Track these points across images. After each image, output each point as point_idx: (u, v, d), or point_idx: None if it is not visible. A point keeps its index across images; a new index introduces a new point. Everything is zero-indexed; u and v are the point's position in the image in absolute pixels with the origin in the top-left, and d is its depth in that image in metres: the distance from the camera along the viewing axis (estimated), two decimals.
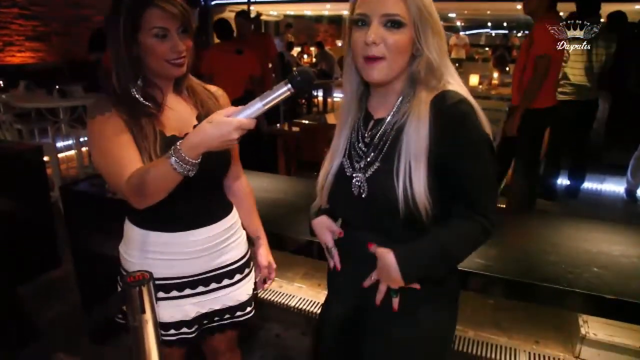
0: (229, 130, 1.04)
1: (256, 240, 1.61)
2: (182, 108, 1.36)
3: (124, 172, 1.17)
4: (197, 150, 1.08)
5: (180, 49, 1.25)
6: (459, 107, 1.01)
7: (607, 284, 1.47)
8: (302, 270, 2.96)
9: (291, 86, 1.05)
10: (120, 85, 1.26)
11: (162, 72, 1.28)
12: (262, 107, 1.06)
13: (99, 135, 1.23)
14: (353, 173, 1.13)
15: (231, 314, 1.50)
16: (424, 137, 1.01)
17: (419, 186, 1.01)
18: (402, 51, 1.03)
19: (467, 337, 2.41)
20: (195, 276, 1.40)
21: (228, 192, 1.55)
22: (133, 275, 1.32)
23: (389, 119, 1.10)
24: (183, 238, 1.36)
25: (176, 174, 1.10)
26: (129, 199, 1.19)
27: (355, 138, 1.16)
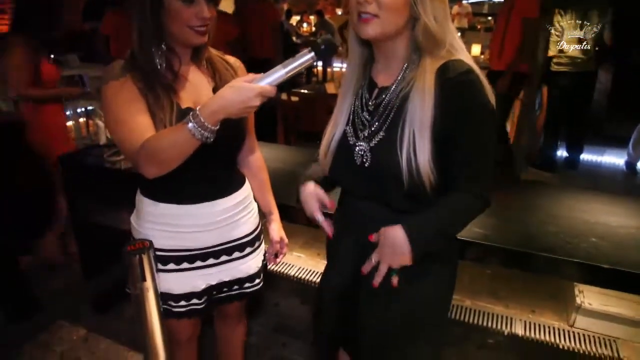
0: (250, 96, 1.03)
1: (268, 215, 1.61)
2: (199, 80, 1.33)
3: (138, 138, 1.14)
4: (216, 116, 1.06)
5: (205, 15, 1.21)
6: (465, 77, 1.00)
7: (605, 254, 1.48)
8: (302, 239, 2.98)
9: (315, 54, 1.04)
10: (142, 50, 1.23)
11: (184, 39, 1.24)
12: (284, 75, 1.06)
13: (112, 101, 1.20)
14: (356, 142, 1.12)
15: (239, 285, 1.51)
16: (429, 107, 1.00)
17: (423, 157, 1.00)
18: (394, 10, 1.01)
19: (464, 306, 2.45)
20: (206, 249, 1.40)
21: (242, 165, 1.54)
22: (133, 243, 1.33)
23: (393, 88, 1.09)
24: (195, 210, 1.35)
25: (194, 141, 1.08)
26: (141, 167, 1.16)
27: (359, 106, 1.15)
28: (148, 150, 1.12)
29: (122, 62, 1.25)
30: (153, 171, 1.15)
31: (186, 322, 1.47)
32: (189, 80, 1.31)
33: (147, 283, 1.33)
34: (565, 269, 1.46)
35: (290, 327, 2.46)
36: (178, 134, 1.09)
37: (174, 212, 1.35)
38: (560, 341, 2.24)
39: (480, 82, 1.01)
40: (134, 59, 1.24)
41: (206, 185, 1.37)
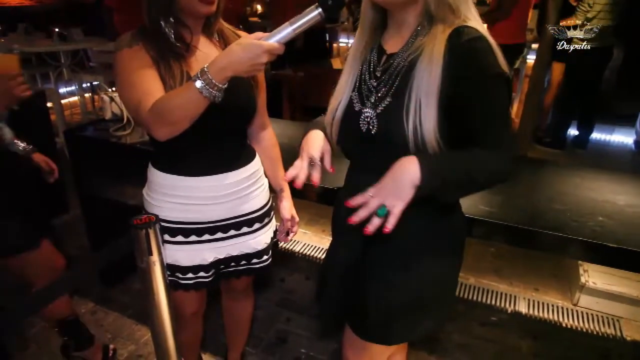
0: (258, 53, 1.02)
1: (279, 193, 1.61)
2: (211, 51, 1.33)
3: (148, 100, 1.14)
4: (224, 73, 1.05)
5: None
6: (475, 43, 0.97)
7: (611, 232, 1.48)
8: (307, 216, 2.99)
9: (322, 10, 1.03)
10: (151, 20, 1.23)
11: (192, 10, 1.24)
12: (292, 32, 1.04)
13: (124, 68, 1.21)
14: (362, 108, 1.11)
15: (247, 261, 1.52)
16: (436, 74, 0.97)
17: (428, 124, 0.98)
18: None
19: (469, 283, 2.47)
20: (215, 222, 1.41)
21: (254, 141, 1.54)
22: (139, 217, 1.34)
23: (401, 53, 1.06)
24: (205, 183, 1.36)
25: (202, 99, 1.08)
26: (152, 128, 1.16)
27: (367, 72, 1.13)
28: (158, 111, 1.12)
29: (134, 32, 1.25)
30: (164, 132, 1.15)
31: (193, 295, 1.49)
32: (201, 51, 1.31)
33: (153, 257, 1.34)
34: (571, 247, 1.46)
35: (294, 302, 2.50)
36: (186, 93, 1.09)
37: (184, 184, 1.36)
38: (563, 319, 2.26)
39: (493, 48, 0.98)
40: (144, 30, 1.25)
41: (216, 157, 1.37)
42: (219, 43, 1.36)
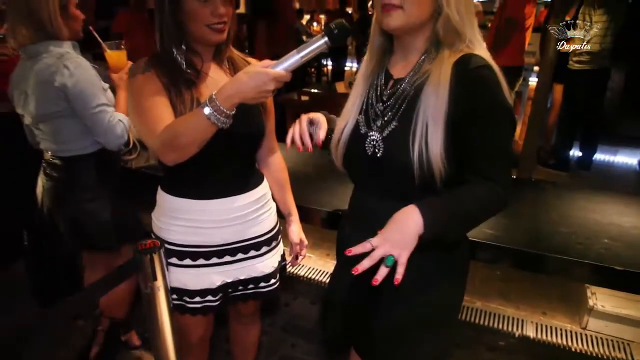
0: (265, 80, 1.05)
1: (287, 217, 1.62)
2: (221, 78, 1.36)
3: (158, 126, 1.18)
4: (232, 101, 1.09)
5: (221, 12, 1.24)
6: (482, 71, 0.99)
7: (617, 255, 1.47)
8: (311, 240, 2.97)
9: (328, 39, 1.06)
10: (164, 49, 1.28)
11: (203, 38, 1.28)
12: (299, 60, 1.07)
13: (137, 94, 1.25)
14: (368, 132, 1.12)
15: (255, 285, 1.52)
16: (443, 99, 0.99)
17: (435, 148, 0.99)
18: (419, 3, 1.01)
19: (475, 307, 2.44)
20: (223, 245, 1.41)
21: (262, 165, 1.56)
22: (144, 243, 1.34)
23: (408, 78, 1.09)
24: (212, 206, 1.37)
25: (210, 125, 1.11)
26: (161, 153, 1.19)
27: (374, 96, 1.15)
28: (167, 136, 1.15)
29: (147, 59, 1.29)
30: (172, 156, 1.18)
31: (200, 319, 1.48)
32: (211, 78, 1.35)
33: (157, 282, 1.35)
34: (577, 270, 1.45)
35: (299, 327, 2.47)
36: (195, 119, 1.12)
37: (192, 207, 1.37)
38: (572, 344, 2.22)
39: (498, 78, 1.00)
40: (157, 57, 1.29)
41: (224, 181, 1.38)
42: (229, 70, 1.39)
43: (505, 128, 1.02)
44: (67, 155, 1.78)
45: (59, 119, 1.70)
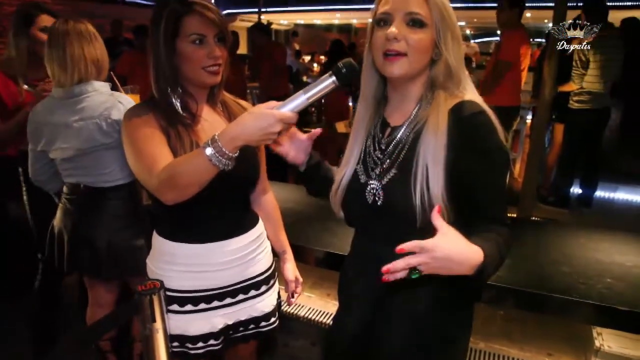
0: (271, 122, 1.03)
1: (282, 255, 1.61)
2: (216, 120, 1.37)
3: (158, 165, 1.15)
4: (235, 143, 1.06)
5: (216, 54, 1.26)
6: (478, 118, 1.02)
7: (620, 295, 1.45)
8: (311, 279, 2.95)
9: (336, 79, 1.04)
10: (160, 92, 1.29)
11: (198, 80, 1.29)
12: (305, 101, 1.05)
13: (134, 137, 1.24)
14: (368, 180, 1.13)
15: (256, 324, 1.50)
16: (441, 144, 1.01)
17: (436, 190, 1.00)
18: (422, 50, 1.04)
19: (478, 348, 2.39)
20: (223, 288, 1.40)
21: (255, 205, 1.56)
22: (144, 284, 1.34)
23: (406, 125, 1.10)
24: (210, 249, 1.36)
25: (211, 167, 1.08)
26: (160, 192, 1.17)
27: (371, 145, 1.16)
28: (167, 175, 1.13)
29: (143, 103, 1.31)
30: (172, 197, 1.16)
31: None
32: (206, 121, 1.36)
33: (156, 324, 1.33)
34: (580, 311, 1.44)
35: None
36: (196, 160, 1.09)
37: (189, 251, 1.36)
38: None
39: (492, 122, 1.02)
40: (153, 100, 1.30)
41: (221, 224, 1.38)
42: (223, 112, 1.41)
43: (502, 170, 1.05)
44: (104, 186, 1.87)
45: (108, 150, 1.83)
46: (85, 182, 1.87)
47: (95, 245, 1.86)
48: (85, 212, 1.88)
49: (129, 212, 1.91)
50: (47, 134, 1.83)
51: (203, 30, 1.25)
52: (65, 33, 1.77)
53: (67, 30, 1.77)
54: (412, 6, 1.02)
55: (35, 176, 1.95)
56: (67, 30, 1.77)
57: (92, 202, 1.88)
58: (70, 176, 1.90)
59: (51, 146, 1.85)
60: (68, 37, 1.77)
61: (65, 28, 1.77)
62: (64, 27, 1.78)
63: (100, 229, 1.87)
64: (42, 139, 1.85)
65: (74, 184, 1.90)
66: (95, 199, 1.88)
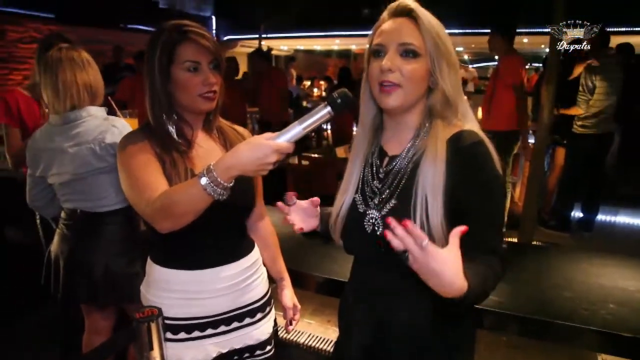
0: (267, 152, 1.03)
1: (280, 282, 1.60)
2: (211, 147, 1.38)
3: (152, 193, 1.16)
4: (230, 173, 1.06)
5: (212, 81, 1.28)
6: (476, 148, 1.03)
7: (624, 320, 1.44)
8: (311, 306, 2.93)
9: (331, 109, 1.05)
10: (155, 118, 1.30)
11: (193, 107, 1.31)
12: (301, 131, 1.06)
13: (129, 165, 1.25)
14: (367, 210, 1.13)
15: (251, 353, 1.48)
16: (440, 174, 1.02)
17: (435, 219, 1.01)
18: (417, 80, 1.05)
19: None
20: (218, 316, 1.38)
21: (252, 231, 1.55)
22: (142, 311, 1.32)
23: (404, 155, 1.11)
24: (205, 276, 1.35)
25: (206, 196, 1.08)
26: (155, 221, 1.17)
27: (369, 174, 1.17)
28: (162, 204, 1.13)
29: (138, 130, 1.32)
30: (167, 225, 1.16)
31: None
32: (202, 148, 1.36)
33: (154, 352, 1.31)
34: (584, 337, 1.42)
35: None
36: (191, 189, 1.09)
37: (184, 278, 1.35)
38: None
39: (491, 153, 1.04)
40: (149, 127, 1.31)
41: (215, 250, 1.37)
42: (219, 139, 1.42)
43: (499, 199, 1.06)
44: (101, 211, 1.87)
45: (103, 174, 1.84)
46: (83, 207, 1.88)
47: (92, 271, 1.85)
48: (81, 238, 1.88)
49: (126, 237, 1.91)
50: (45, 159, 1.85)
51: (197, 58, 1.27)
52: (58, 60, 1.80)
53: (60, 58, 1.81)
54: (405, 37, 1.04)
55: (33, 201, 1.97)
56: (60, 57, 1.81)
57: (89, 227, 1.88)
58: (67, 201, 1.90)
59: (48, 171, 1.86)
60: (60, 64, 1.80)
61: (58, 55, 1.81)
62: (57, 54, 1.81)
63: (98, 255, 1.86)
64: (40, 165, 1.87)
65: (71, 210, 1.90)
66: (92, 224, 1.88)
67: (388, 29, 1.07)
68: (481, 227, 1.03)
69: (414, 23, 1.05)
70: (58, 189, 1.90)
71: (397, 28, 1.06)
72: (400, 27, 1.06)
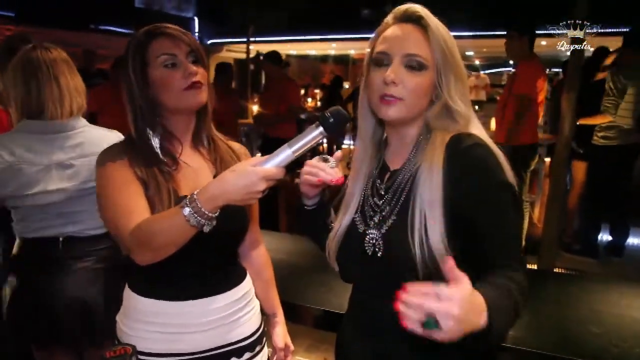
0: (254, 180, 1.04)
1: (272, 318, 1.59)
2: (199, 165, 1.39)
3: (131, 221, 1.16)
4: (215, 202, 1.07)
5: (192, 71, 1.28)
6: (475, 150, 1.03)
7: None
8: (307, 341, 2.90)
9: (323, 129, 1.06)
10: (138, 132, 1.30)
11: (181, 105, 1.30)
12: (291, 155, 1.07)
13: (107, 183, 1.25)
14: (367, 229, 1.13)
15: None
16: (437, 183, 1.02)
17: (435, 237, 1.00)
18: (421, 95, 1.06)
19: None
20: (202, 353, 1.36)
21: (244, 260, 1.55)
22: (113, 349, 1.31)
23: (404, 168, 1.12)
24: (188, 308, 1.34)
25: (189, 227, 1.09)
26: (133, 252, 1.17)
27: (370, 192, 1.17)
28: (141, 234, 1.14)
29: (118, 145, 1.32)
30: (147, 257, 1.17)
31: None
32: (189, 166, 1.36)
33: None
34: None
35: None
36: (173, 219, 1.10)
37: (165, 309, 1.33)
38: None
39: (494, 154, 1.03)
40: (131, 142, 1.31)
41: (201, 279, 1.36)
42: (210, 155, 1.42)
43: (509, 208, 1.03)
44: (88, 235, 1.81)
45: None
46: (69, 232, 1.79)
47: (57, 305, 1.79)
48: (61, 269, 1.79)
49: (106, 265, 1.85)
50: (22, 176, 1.73)
51: (172, 50, 1.28)
52: (53, 61, 1.77)
53: (55, 59, 1.77)
54: (412, 47, 1.05)
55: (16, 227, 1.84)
56: (54, 58, 1.77)
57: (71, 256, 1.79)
58: (47, 228, 1.78)
59: (26, 191, 1.73)
60: (57, 66, 1.77)
61: (50, 56, 1.77)
62: (48, 55, 1.77)
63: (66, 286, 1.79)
64: (10, 183, 1.72)
65: (47, 238, 1.78)
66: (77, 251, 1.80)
67: (393, 35, 1.08)
68: (492, 244, 1.02)
69: (422, 31, 1.06)
70: (31, 213, 1.78)
71: (403, 36, 1.07)
72: (407, 36, 1.06)
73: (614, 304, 1.80)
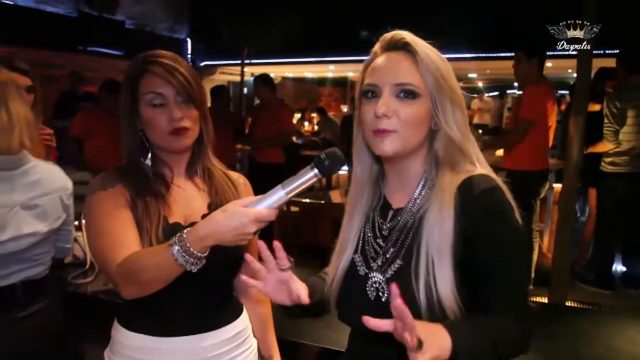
0: (245, 222, 1.06)
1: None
2: (193, 193, 1.41)
3: (119, 253, 1.19)
4: (204, 243, 1.09)
5: (177, 116, 1.30)
6: (491, 196, 1.03)
7: None
8: None
9: (318, 171, 1.07)
10: (130, 161, 1.35)
11: (165, 146, 1.35)
12: (284, 196, 1.08)
13: (97, 212, 1.28)
14: (369, 273, 1.12)
15: None
16: (447, 228, 1.01)
17: (444, 286, 0.99)
18: (416, 125, 1.06)
19: None
20: None
21: (241, 294, 1.54)
22: None
23: (409, 208, 1.11)
24: (180, 345, 1.32)
25: (177, 266, 1.11)
26: (119, 286, 1.20)
27: (371, 231, 1.16)
28: (127, 269, 1.16)
29: (111, 172, 1.35)
30: (132, 292, 1.19)
31: None
32: (182, 193, 1.39)
33: None
34: None
35: None
36: (160, 256, 1.13)
37: (155, 345, 1.32)
38: None
39: (506, 199, 1.04)
40: (124, 169, 1.35)
41: (194, 314, 1.35)
42: (205, 185, 1.43)
43: (519, 250, 1.05)
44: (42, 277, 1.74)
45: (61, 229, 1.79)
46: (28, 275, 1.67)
47: None
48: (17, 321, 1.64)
49: None
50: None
51: (160, 89, 1.30)
52: (3, 84, 1.62)
53: (4, 81, 1.63)
54: (402, 76, 1.05)
55: None
56: (4, 80, 1.63)
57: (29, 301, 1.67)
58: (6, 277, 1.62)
59: None
60: (7, 89, 1.62)
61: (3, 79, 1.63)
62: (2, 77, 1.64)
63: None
64: None
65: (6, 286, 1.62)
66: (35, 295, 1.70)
67: (382, 66, 1.08)
68: (496, 286, 1.02)
69: (411, 58, 1.06)
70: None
71: (391, 65, 1.07)
72: (395, 64, 1.07)
73: (631, 340, 1.78)
